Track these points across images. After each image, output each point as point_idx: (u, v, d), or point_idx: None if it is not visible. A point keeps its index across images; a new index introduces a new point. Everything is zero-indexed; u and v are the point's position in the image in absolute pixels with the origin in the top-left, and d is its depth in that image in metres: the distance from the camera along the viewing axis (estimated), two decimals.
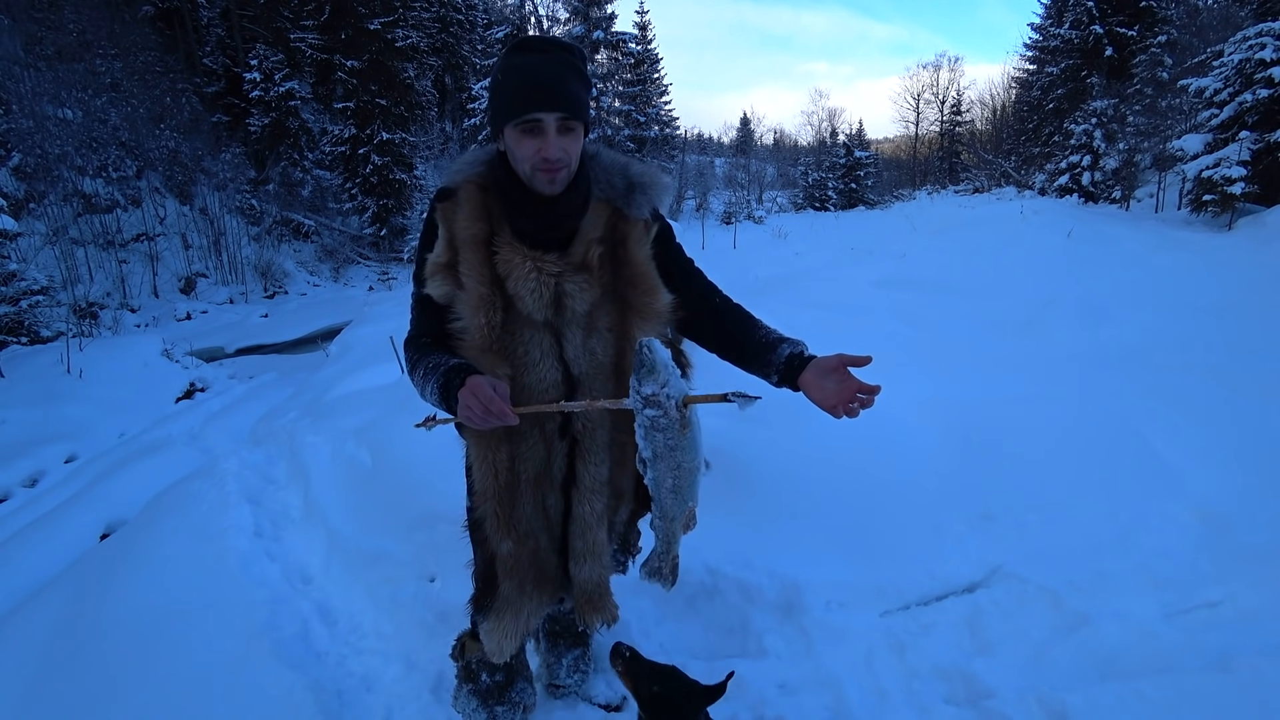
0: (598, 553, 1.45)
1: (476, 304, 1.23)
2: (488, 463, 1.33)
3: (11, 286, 7.83)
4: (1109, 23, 19.08)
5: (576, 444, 1.38)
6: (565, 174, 1.22)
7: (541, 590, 1.46)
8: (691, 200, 25.80)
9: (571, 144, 1.21)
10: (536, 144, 1.18)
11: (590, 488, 1.40)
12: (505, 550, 1.38)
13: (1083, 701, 1.63)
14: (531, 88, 1.16)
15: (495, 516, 1.36)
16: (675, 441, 1.01)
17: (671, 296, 1.34)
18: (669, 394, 0.97)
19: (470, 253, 1.24)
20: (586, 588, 1.46)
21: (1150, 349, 3.66)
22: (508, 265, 1.24)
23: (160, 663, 2.01)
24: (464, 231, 1.25)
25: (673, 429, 0.99)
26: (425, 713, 1.84)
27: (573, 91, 1.18)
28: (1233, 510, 2.31)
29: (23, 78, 11.97)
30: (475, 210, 1.25)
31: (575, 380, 1.32)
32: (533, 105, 1.16)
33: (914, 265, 6.83)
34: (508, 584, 1.41)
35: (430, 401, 1.25)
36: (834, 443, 2.66)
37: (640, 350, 1.02)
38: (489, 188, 1.28)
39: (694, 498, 1.09)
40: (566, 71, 1.18)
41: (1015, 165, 25.50)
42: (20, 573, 3.22)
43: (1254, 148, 8.30)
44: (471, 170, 1.30)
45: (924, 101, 39.29)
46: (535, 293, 1.23)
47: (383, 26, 15.81)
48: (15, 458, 5.21)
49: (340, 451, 3.22)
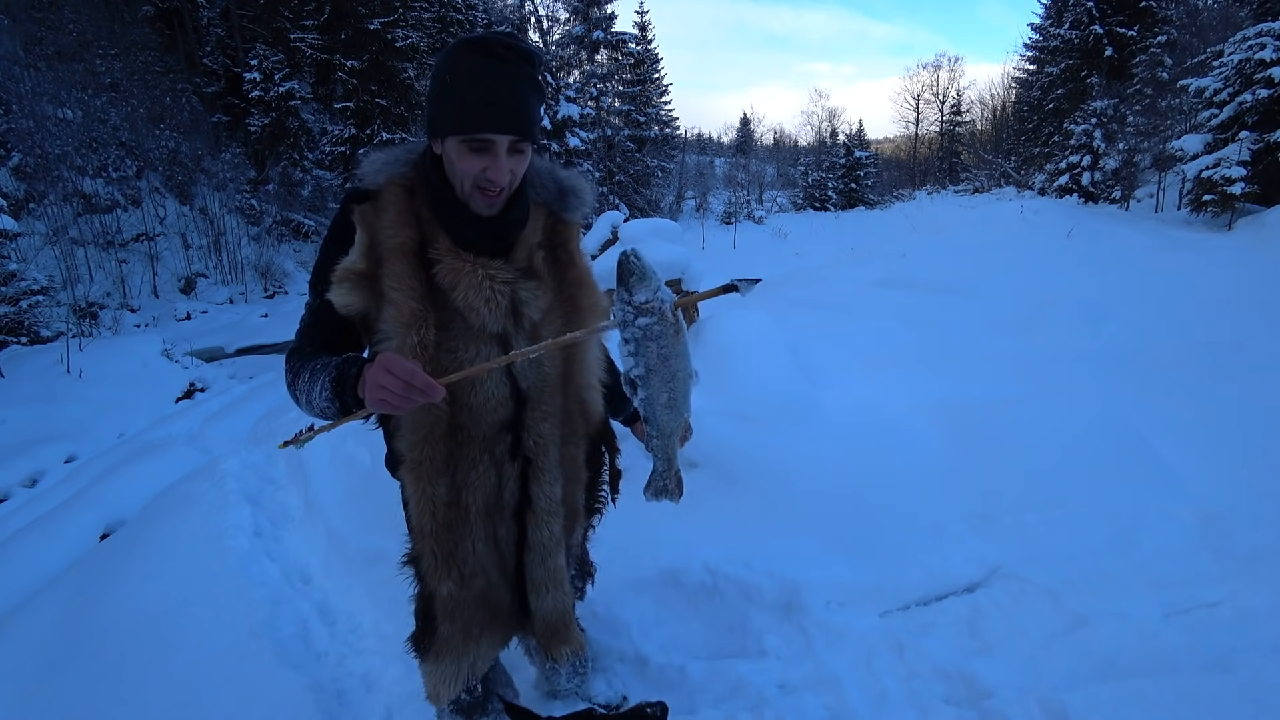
0: (559, 580, 1.38)
1: (408, 320, 1.10)
2: (424, 498, 1.22)
3: (11, 286, 7.82)
4: (1109, 23, 19.09)
5: (529, 464, 1.28)
6: (504, 194, 1.14)
7: (493, 632, 1.37)
8: (691, 200, 25.79)
9: (519, 165, 1.13)
10: (482, 163, 1.09)
11: (546, 509, 1.32)
12: (445, 592, 1.28)
13: (1082, 701, 1.63)
14: (487, 104, 1.05)
15: (432, 555, 1.25)
16: (670, 349, 0.96)
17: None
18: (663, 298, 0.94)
19: (398, 263, 1.11)
20: (550, 619, 1.39)
21: (1150, 349, 3.66)
22: (454, 275, 1.13)
23: (160, 662, 2.01)
24: (389, 239, 1.12)
25: (667, 336, 0.95)
26: (425, 713, 1.83)
27: (529, 111, 1.09)
28: (1233, 510, 2.31)
29: (23, 78, 11.96)
30: (402, 215, 1.13)
31: (524, 396, 1.24)
32: (486, 124, 1.06)
33: (914, 265, 6.83)
34: (447, 626, 1.30)
35: (317, 407, 1.10)
36: (834, 443, 2.66)
37: (628, 260, 0.96)
38: (416, 190, 1.16)
39: (688, 409, 1.05)
40: (524, 86, 1.08)
41: (1015, 165, 25.51)
42: (20, 573, 3.22)
43: (1254, 148, 8.30)
44: (395, 170, 1.17)
45: (924, 101, 39.42)
46: (490, 302, 1.14)
47: (383, 26, 15.81)
48: (15, 458, 5.20)
49: (340, 451, 3.22)
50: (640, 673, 1.94)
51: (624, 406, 1.52)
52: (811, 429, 2.73)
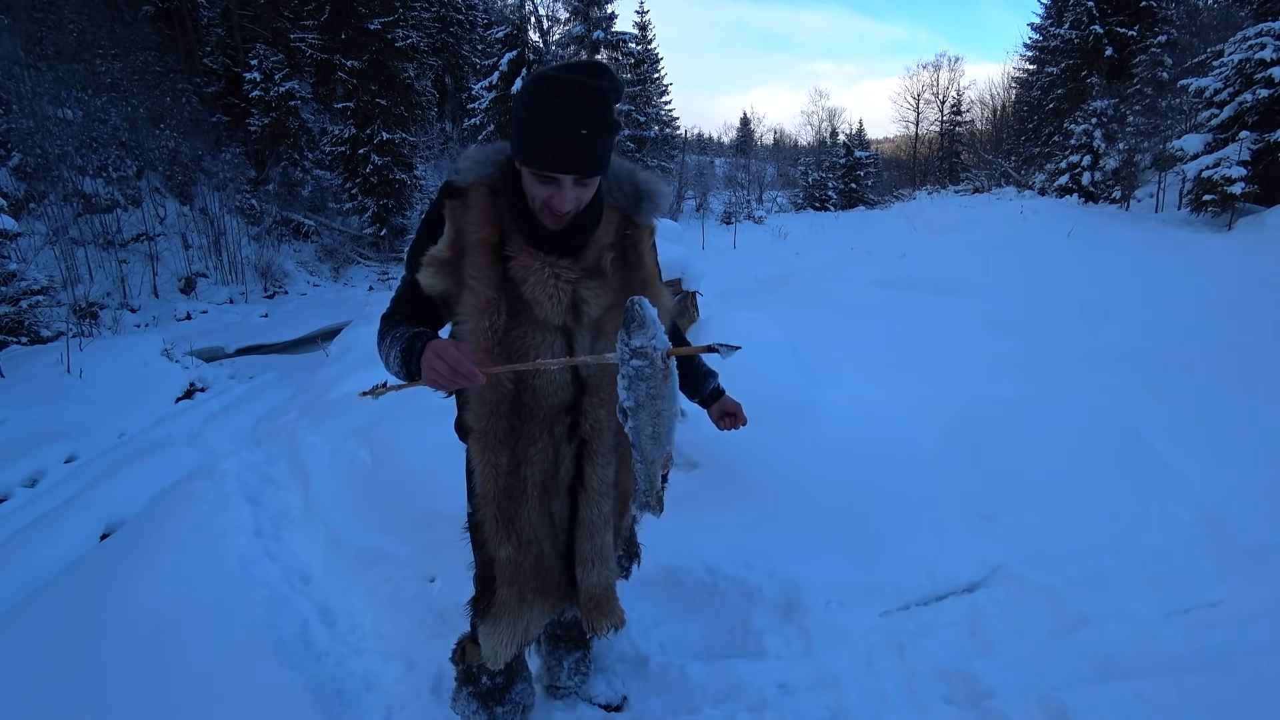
0: (605, 556, 1.45)
1: (483, 306, 1.23)
2: (489, 466, 1.32)
3: (11, 286, 7.82)
4: (1109, 23, 19.09)
5: (585, 445, 1.38)
6: (571, 215, 1.22)
7: (543, 599, 1.45)
8: (691, 200, 25.80)
9: (585, 193, 1.20)
10: (549, 191, 1.18)
11: (598, 490, 1.40)
12: (504, 555, 1.37)
13: (1082, 701, 1.63)
14: (555, 148, 1.12)
15: (494, 521, 1.35)
16: (657, 390, 1.09)
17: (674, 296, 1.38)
18: (655, 345, 1.05)
19: (478, 256, 1.24)
20: (594, 593, 1.46)
21: (1150, 349, 3.66)
22: (524, 271, 1.24)
23: (160, 662, 2.01)
24: (473, 235, 1.24)
25: (656, 378, 1.08)
26: (425, 713, 1.84)
27: (597, 151, 1.15)
28: (1233, 510, 2.31)
29: (23, 78, 11.96)
30: (485, 214, 1.25)
31: (584, 383, 1.33)
32: (551, 165, 1.14)
33: (914, 265, 6.84)
34: (506, 589, 1.39)
35: (392, 370, 1.25)
36: (834, 443, 2.66)
37: (631, 307, 1.07)
38: (500, 192, 1.27)
39: (670, 442, 1.17)
40: (595, 128, 1.12)
41: (1015, 165, 25.51)
42: (20, 573, 3.22)
43: (1254, 148, 8.30)
44: (483, 171, 1.28)
45: (924, 101, 39.34)
46: (553, 298, 1.25)
47: (383, 26, 15.81)
48: (15, 458, 5.20)
49: (340, 451, 3.22)
50: (640, 672, 1.94)
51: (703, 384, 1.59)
52: (812, 429, 2.73)
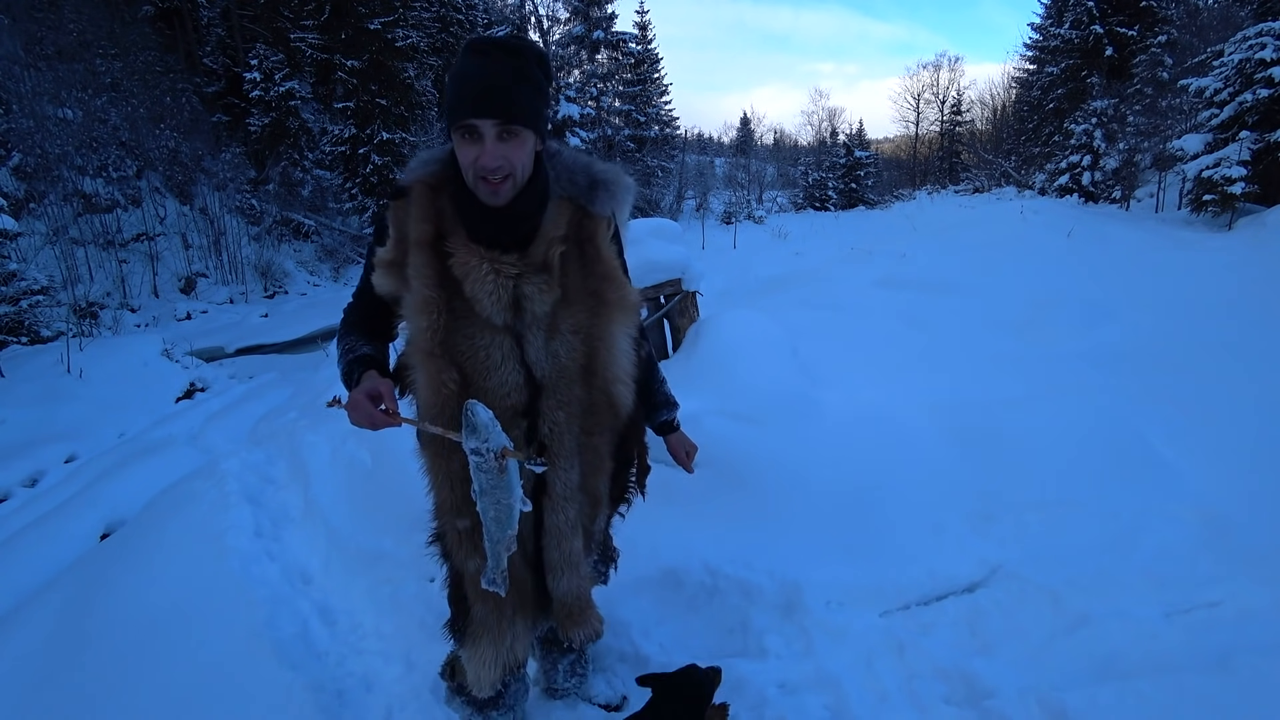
0: (575, 563, 1.39)
1: (420, 306, 1.20)
2: (441, 474, 1.29)
3: (11, 286, 7.82)
4: (1109, 23, 19.07)
5: (545, 450, 1.31)
6: (509, 185, 1.17)
7: (524, 612, 1.40)
8: (691, 200, 25.79)
9: (514, 151, 1.15)
10: (474, 151, 1.14)
11: (563, 495, 1.34)
12: (473, 568, 1.32)
13: (1082, 701, 1.63)
14: (472, 95, 1.12)
15: (455, 531, 1.31)
16: (495, 482, 1.17)
17: (637, 290, 1.36)
18: (489, 447, 1.13)
19: (417, 254, 1.21)
20: (566, 601, 1.41)
21: (1150, 349, 3.66)
22: (464, 268, 1.20)
23: (160, 663, 2.01)
24: (413, 232, 1.22)
25: (493, 474, 1.16)
26: (425, 712, 1.84)
27: (514, 96, 1.13)
28: (1233, 510, 2.31)
29: (23, 78, 11.95)
30: (424, 211, 1.22)
31: (539, 384, 1.27)
32: (467, 110, 1.12)
33: (914, 265, 6.84)
34: (480, 606, 1.35)
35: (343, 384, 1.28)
36: (834, 443, 2.66)
37: (465, 411, 1.12)
38: (440, 188, 1.24)
39: (512, 527, 1.21)
40: (507, 75, 1.12)
41: (1015, 165, 25.50)
42: (20, 573, 3.22)
43: (1254, 148, 8.30)
44: (424, 169, 1.27)
45: (924, 101, 39.31)
46: (493, 295, 1.20)
47: (383, 26, 15.79)
48: (15, 458, 5.20)
49: (340, 451, 3.22)
50: (640, 672, 1.94)
51: (654, 413, 1.60)
52: (812, 429, 2.73)
